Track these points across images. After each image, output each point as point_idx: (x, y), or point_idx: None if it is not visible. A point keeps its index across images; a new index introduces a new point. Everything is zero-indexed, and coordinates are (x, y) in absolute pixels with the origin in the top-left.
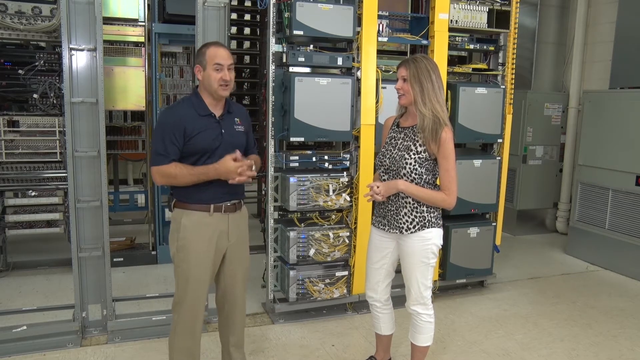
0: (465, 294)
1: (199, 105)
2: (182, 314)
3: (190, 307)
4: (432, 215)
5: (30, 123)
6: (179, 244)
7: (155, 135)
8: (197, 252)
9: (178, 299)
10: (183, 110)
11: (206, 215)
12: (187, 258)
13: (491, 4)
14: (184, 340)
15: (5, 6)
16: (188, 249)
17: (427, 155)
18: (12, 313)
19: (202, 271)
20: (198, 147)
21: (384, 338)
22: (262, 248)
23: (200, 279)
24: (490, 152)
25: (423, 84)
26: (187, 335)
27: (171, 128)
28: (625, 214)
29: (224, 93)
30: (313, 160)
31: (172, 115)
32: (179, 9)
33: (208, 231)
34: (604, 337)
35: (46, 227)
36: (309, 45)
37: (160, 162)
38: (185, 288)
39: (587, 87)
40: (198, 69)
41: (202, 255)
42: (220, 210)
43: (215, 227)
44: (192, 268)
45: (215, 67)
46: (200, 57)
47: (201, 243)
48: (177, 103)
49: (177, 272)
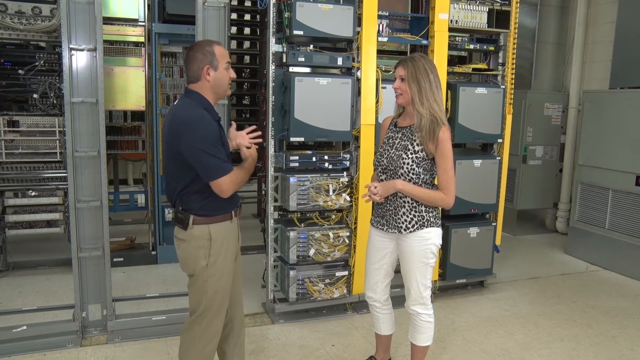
0: (465, 294)
1: (211, 110)
2: (205, 325)
3: (215, 317)
4: (431, 215)
5: (30, 123)
6: (211, 260)
7: (203, 152)
8: (227, 263)
9: (202, 311)
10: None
11: (228, 224)
12: (219, 272)
13: (491, 4)
14: (206, 349)
15: (5, 6)
16: (220, 262)
17: (425, 155)
18: (12, 313)
19: (230, 280)
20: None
21: (384, 338)
22: (262, 248)
23: (228, 288)
24: (490, 152)
25: (421, 83)
26: (209, 344)
27: (215, 138)
28: (625, 214)
29: (230, 92)
30: (313, 160)
31: (212, 126)
32: (179, 9)
33: (233, 239)
34: (604, 337)
35: (46, 227)
36: (309, 45)
37: (228, 169)
38: (213, 299)
39: (587, 87)
40: (208, 69)
41: (231, 265)
42: (237, 214)
43: (235, 232)
44: (222, 280)
45: (227, 65)
46: (208, 57)
47: (230, 253)
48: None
49: (204, 286)
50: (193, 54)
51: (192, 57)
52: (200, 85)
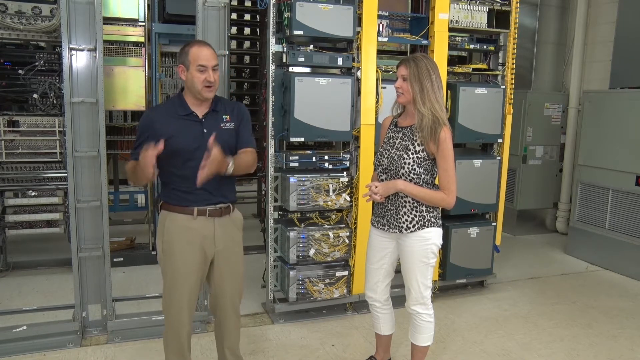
0: (465, 294)
1: (180, 105)
2: (169, 316)
3: (177, 311)
4: (432, 215)
5: (30, 123)
6: (164, 247)
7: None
8: (181, 256)
9: (165, 301)
10: (160, 112)
11: (190, 219)
12: (171, 261)
13: (491, 4)
14: (173, 342)
15: (5, 6)
16: (173, 252)
17: (426, 155)
18: (12, 313)
19: (187, 275)
20: (174, 147)
21: (384, 338)
22: (262, 248)
23: (185, 283)
24: (490, 152)
25: (423, 83)
26: (175, 336)
27: (142, 129)
28: (625, 214)
29: (209, 95)
30: (313, 160)
31: (146, 116)
32: (179, 9)
33: (192, 235)
34: (603, 337)
35: (46, 227)
36: (309, 45)
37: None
38: (171, 291)
39: (587, 87)
40: (181, 68)
41: (187, 260)
42: (204, 214)
43: (199, 231)
44: (177, 272)
45: (198, 68)
46: (182, 57)
47: (185, 247)
48: (161, 103)
49: (163, 274)
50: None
51: (178, 56)
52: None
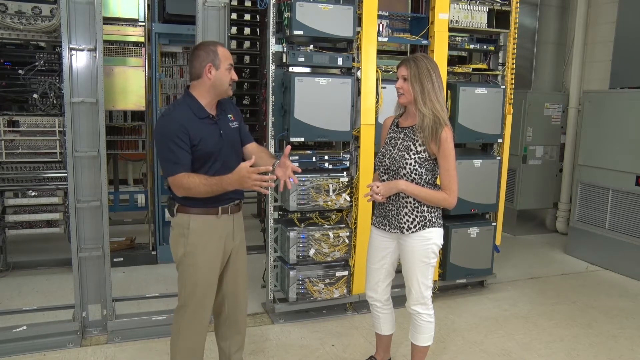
0: (465, 294)
1: (197, 107)
2: (188, 317)
3: (198, 310)
4: (433, 215)
5: (30, 123)
6: (187, 249)
7: (162, 146)
8: (206, 256)
9: (184, 302)
10: (183, 116)
11: (214, 218)
12: (195, 263)
13: (491, 4)
14: (190, 342)
15: (5, 6)
16: (197, 253)
17: (427, 155)
18: (12, 313)
19: (211, 275)
20: (204, 152)
21: (384, 338)
22: (262, 248)
23: (208, 283)
24: (490, 152)
25: (424, 83)
26: (194, 336)
27: (175, 134)
28: (625, 214)
29: (231, 92)
30: (313, 160)
31: (173, 121)
32: (179, 9)
33: (217, 234)
34: (603, 337)
35: (46, 227)
36: (309, 45)
37: (176, 170)
38: (193, 292)
39: (587, 87)
40: (210, 67)
41: (212, 259)
42: (227, 211)
43: (223, 229)
44: (200, 272)
45: (228, 67)
46: (211, 56)
47: (210, 247)
48: (173, 108)
49: (183, 276)
50: (197, 52)
51: (196, 55)
52: (200, 83)
